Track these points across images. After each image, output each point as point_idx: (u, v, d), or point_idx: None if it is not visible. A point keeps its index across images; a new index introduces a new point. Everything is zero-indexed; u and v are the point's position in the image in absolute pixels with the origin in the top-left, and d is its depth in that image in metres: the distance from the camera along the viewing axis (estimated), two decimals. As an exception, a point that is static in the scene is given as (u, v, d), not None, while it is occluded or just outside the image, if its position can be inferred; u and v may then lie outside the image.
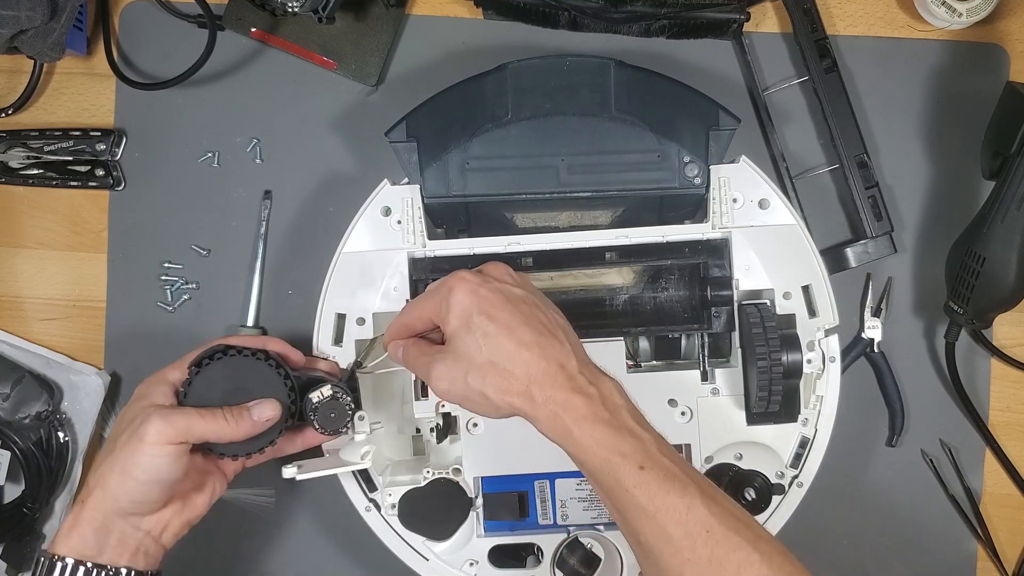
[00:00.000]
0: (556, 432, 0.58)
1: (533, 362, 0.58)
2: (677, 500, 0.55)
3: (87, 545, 0.63)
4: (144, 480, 0.63)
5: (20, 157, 0.84)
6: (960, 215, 0.82)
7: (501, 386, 0.58)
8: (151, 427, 0.62)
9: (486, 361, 0.59)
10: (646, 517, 0.56)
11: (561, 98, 0.75)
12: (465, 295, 0.60)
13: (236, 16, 0.84)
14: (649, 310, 0.78)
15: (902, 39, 0.85)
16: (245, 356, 0.67)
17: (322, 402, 0.68)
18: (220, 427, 0.64)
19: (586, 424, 0.57)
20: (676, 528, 0.55)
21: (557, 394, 0.58)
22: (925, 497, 0.84)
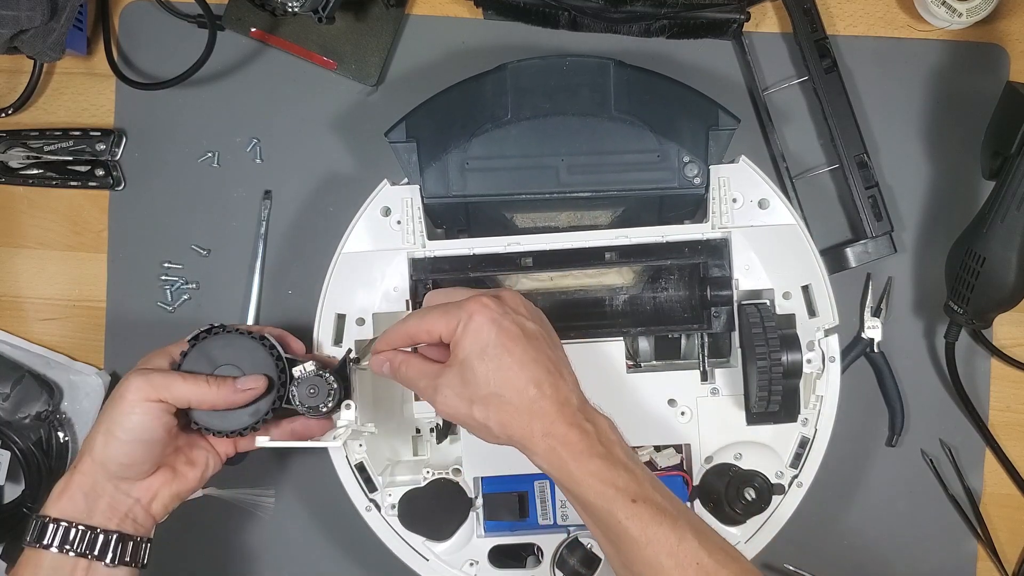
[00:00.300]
0: (552, 465, 0.60)
1: (539, 400, 0.60)
2: (668, 532, 0.58)
3: (77, 508, 0.64)
4: (125, 439, 0.64)
5: (20, 157, 0.84)
6: (960, 215, 0.82)
7: (504, 419, 0.61)
8: (131, 385, 0.65)
9: (493, 392, 0.61)
10: (638, 548, 0.58)
11: (561, 98, 0.75)
12: (486, 323, 0.61)
13: (236, 16, 0.84)
14: (649, 310, 0.78)
15: (902, 39, 0.85)
16: (241, 334, 0.69)
17: (303, 376, 0.67)
18: (200, 389, 0.66)
19: (583, 458, 0.59)
20: (668, 559, 0.57)
21: (557, 429, 0.60)
22: (925, 497, 0.84)
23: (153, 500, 0.67)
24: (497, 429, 0.61)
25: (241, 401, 0.67)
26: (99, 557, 0.64)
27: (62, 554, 0.64)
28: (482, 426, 0.62)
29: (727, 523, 0.74)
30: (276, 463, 0.85)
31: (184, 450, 0.70)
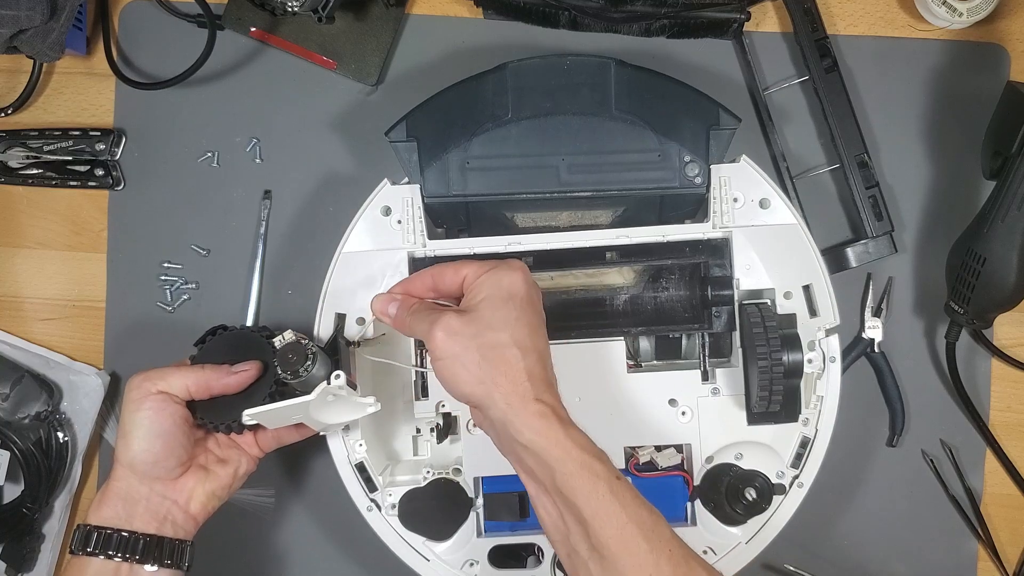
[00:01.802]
0: (538, 430, 0.59)
1: (537, 365, 0.60)
2: (647, 515, 0.58)
3: (117, 515, 0.66)
4: (140, 436, 0.66)
5: (20, 157, 0.84)
6: (960, 215, 0.82)
7: (500, 368, 0.60)
8: (131, 385, 0.67)
9: (502, 340, 0.60)
10: (619, 527, 0.57)
11: (561, 98, 0.75)
12: (521, 279, 0.62)
13: (236, 16, 0.84)
14: (649, 310, 0.78)
15: (902, 39, 0.85)
16: (241, 329, 0.71)
17: (284, 344, 0.67)
18: (195, 374, 0.67)
19: (570, 428, 0.59)
20: (644, 542, 0.57)
21: (548, 398, 0.60)
22: (925, 497, 0.84)
23: (190, 500, 0.69)
24: (487, 372, 0.59)
25: (235, 383, 0.68)
26: (141, 561, 0.66)
27: (106, 560, 0.65)
28: (473, 363, 0.60)
29: (728, 523, 0.74)
30: (276, 463, 0.85)
31: (213, 450, 0.71)
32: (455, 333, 0.60)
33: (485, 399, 0.60)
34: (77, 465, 0.84)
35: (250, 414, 0.65)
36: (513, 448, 0.60)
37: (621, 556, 0.56)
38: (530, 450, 0.59)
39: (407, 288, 0.68)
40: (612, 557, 0.57)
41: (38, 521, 0.84)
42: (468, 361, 0.60)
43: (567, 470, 0.58)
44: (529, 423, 0.59)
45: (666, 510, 0.73)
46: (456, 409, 0.74)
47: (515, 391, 0.59)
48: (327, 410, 0.68)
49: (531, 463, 0.59)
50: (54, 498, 0.84)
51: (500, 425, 0.60)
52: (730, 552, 0.74)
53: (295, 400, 0.65)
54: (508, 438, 0.60)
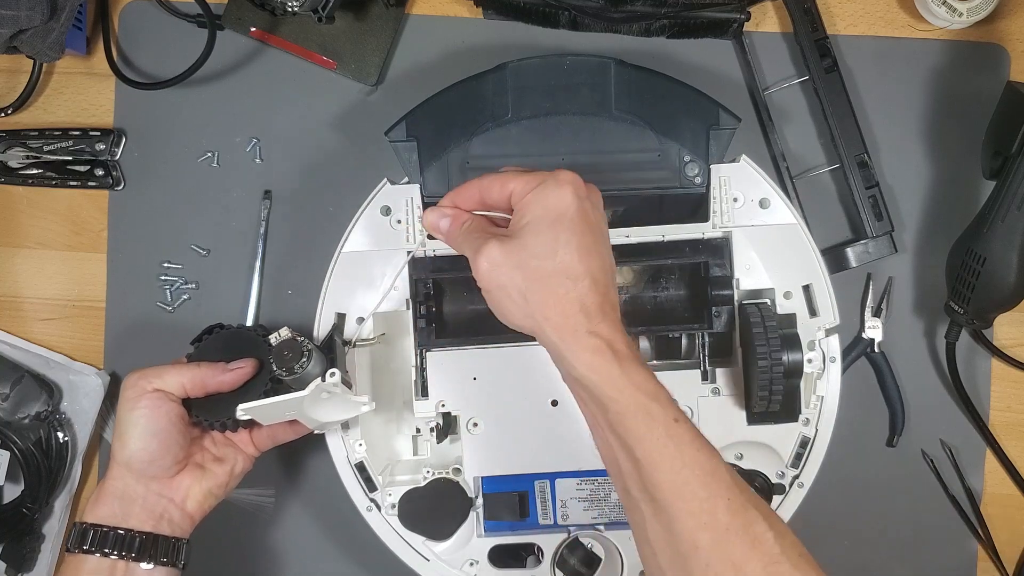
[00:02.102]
0: (591, 366, 0.55)
1: (590, 293, 0.56)
2: (706, 460, 0.54)
3: (113, 513, 0.66)
4: (136, 435, 0.66)
5: (19, 157, 0.84)
6: (960, 215, 0.82)
7: (548, 300, 0.56)
8: (126, 383, 0.67)
9: (549, 269, 0.56)
10: (673, 471, 0.53)
11: (561, 97, 0.75)
12: (571, 194, 0.57)
13: (236, 16, 0.84)
14: (649, 310, 0.78)
15: (902, 39, 0.85)
16: (238, 328, 0.71)
17: (280, 341, 0.66)
18: (191, 372, 0.67)
19: (628, 364, 0.55)
20: (701, 489, 0.53)
21: (604, 330, 0.56)
22: (925, 497, 0.84)
23: (186, 499, 0.68)
24: (536, 305, 0.56)
25: (230, 380, 0.68)
26: (137, 558, 0.66)
27: (102, 557, 0.65)
28: (519, 295, 0.56)
29: (728, 523, 0.74)
30: (276, 463, 0.85)
31: (210, 448, 0.71)
32: (498, 264, 0.57)
33: (537, 331, 0.57)
34: (77, 465, 0.84)
35: (244, 408, 0.65)
36: (569, 379, 0.57)
37: (674, 502, 0.53)
38: (583, 384, 0.55)
39: (456, 200, 0.63)
40: (665, 502, 0.53)
41: (38, 521, 0.84)
42: (514, 293, 0.57)
43: (621, 410, 0.54)
44: (582, 358, 0.55)
45: (666, 510, 0.74)
46: (456, 409, 0.74)
47: (566, 324, 0.55)
48: (321, 407, 0.68)
49: (585, 396, 0.56)
50: (54, 498, 0.84)
51: (554, 355, 0.57)
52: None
53: (288, 396, 0.65)
54: (562, 369, 0.57)
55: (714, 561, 0.52)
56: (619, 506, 0.75)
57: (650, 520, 0.54)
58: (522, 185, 0.59)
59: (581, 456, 0.74)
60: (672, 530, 0.53)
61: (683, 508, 0.53)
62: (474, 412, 0.74)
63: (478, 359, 0.74)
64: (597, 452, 0.73)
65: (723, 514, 0.53)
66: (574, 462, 0.74)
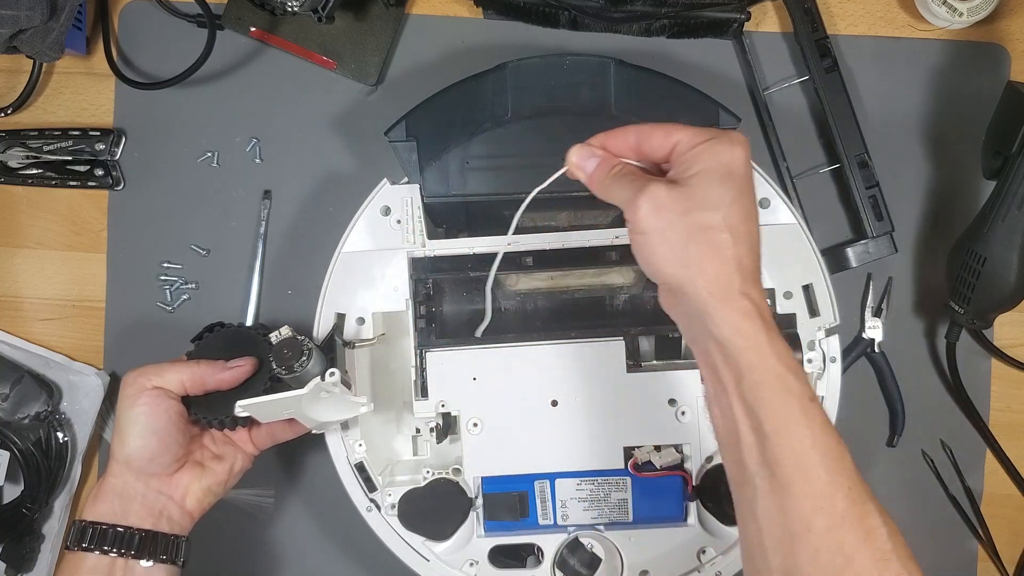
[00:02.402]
0: (739, 329, 0.53)
1: (747, 255, 0.54)
2: (835, 445, 0.53)
3: (112, 511, 0.66)
4: (136, 433, 0.66)
5: (19, 157, 0.84)
6: (960, 215, 0.82)
7: (708, 252, 0.53)
8: (126, 381, 0.68)
9: (714, 222, 0.53)
10: (802, 449, 0.52)
11: (561, 97, 0.75)
12: (743, 156, 0.55)
13: (236, 16, 0.84)
14: (649, 310, 0.78)
15: (902, 39, 0.85)
16: (238, 327, 0.71)
17: (280, 340, 0.66)
18: (190, 369, 0.68)
19: (773, 334, 0.53)
20: (825, 472, 0.52)
21: (754, 293, 0.54)
22: (925, 497, 0.84)
23: (186, 496, 0.69)
24: (693, 255, 0.53)
25: (230, 378, 0.68)
26: (137, 556, 0.66)
27: (101, 555, 0.65)
28: (678, 242, 0.53)
29: (727, 523, 0.74)
30: (276, 463, 0.85)
31: (209, 446, 0.72)
32: (663, 207, 0.54)
33: (687, 284, 0.54)
34: (77, 465, 0.84)
35: (242, 405, 0.65)
36: (704, 340, 0.55)
37: (795, 479, 0.51)
38: (724, 347, 0.53)
39: (606, 143, 0.59)
40: (785, 478, 0.52)
41: (38, 521, 0.84)
42: (673, 240, 0.54)
43: (759, 379, 0.53)
44: (730, 319, 0.53)
45: (665, 510, 0.74)
46: (456, 409, 0.74)
47: (720, 281, 0.53)
48: (319, 407, 0.68)
49: (719, 360, 0.54)
50: (54, 498, 0.84)
51: (696, 314, 0.54)
52: (730, 552, 0.74)
53: (287, 394, 0.65)
54: (702, 329, 0.54)
55: (824, 547, 0.51)
56: (619, 506, 0.75)
57: (764, 496, 0.53)
58: (690, 136, 0.56)
59: (581, 456, 0.74)
60: (786, 509, 0.52)
61: (803, 488, 0.52)
62: (474, 412, 0.74)
63: (478, 359, 0.74)
64: (598, 452, 0.73)
65: (842, 501, 0.52)
66: (574, 462, 0.74)
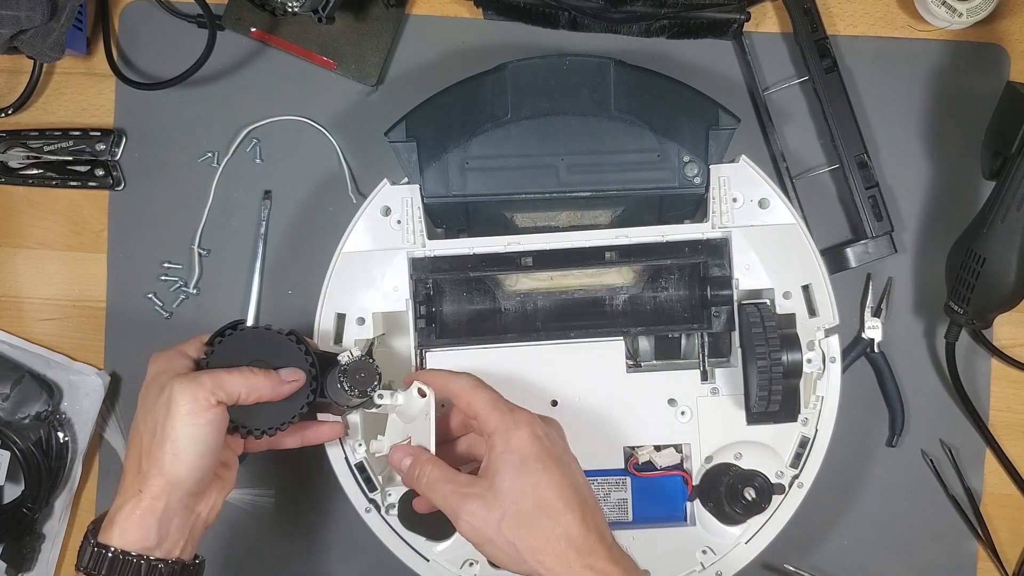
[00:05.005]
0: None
1: (575, 526, 0.57)
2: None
3: (147, 537, 0.60)
4: (195, 454, 0.60)
5: (20, 157, 0.84)
6: (960, 215, 0.82)
7: (536, 544, 0.57)
8: (183, 394, 0.60)
9: (527, 511, 0.58)
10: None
11: (561, 98, 0.75)
12: (530, 436, 0.59)
13: (236, 16, 0.84)
14: (649, 310, 0.78)
15: (902, 39, 0.85)
16: (266, 329, 0.65)
17: (352, 363, 0.65)
18: (250, 381, 0.62)
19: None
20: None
21: (598, 563, 0.57)
22: (925, 497, 0.84)
23: (210, 510, 0.65)
24: (526, 552, 0.57)
25: (286, 392, 0.64)
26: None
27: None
28: (508, 546, 0.58)
29: (727, 523, 0.74)
30: (276, 463, 0.85)
31: (225, 448, 0.67)
32: (481, 523, 0.58)
33: (549, 572, 0.57)
34: (77, 465, 0.84)
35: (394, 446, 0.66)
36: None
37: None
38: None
39: (429, 377, 0.65)
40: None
41: (38, 521, 0.84)
42: (503, 545, 0.58)
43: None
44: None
45: (665, 510, 0.75)
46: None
47: (559, 563, 0.57)
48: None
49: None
50: (54, 498, 0.84)
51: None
52: (730, 552, 0.74)
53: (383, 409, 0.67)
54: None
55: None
56: (619, 506, 0.75)
57: None
58: (486, 413, 0.61)
59: (581, 456, 0.73)
60: None
61: None
62: (474, 412, 0.74)
63: (478, 359, 0.74)
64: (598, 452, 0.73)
65: None
66: (574, 462, 0.74)
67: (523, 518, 0.57)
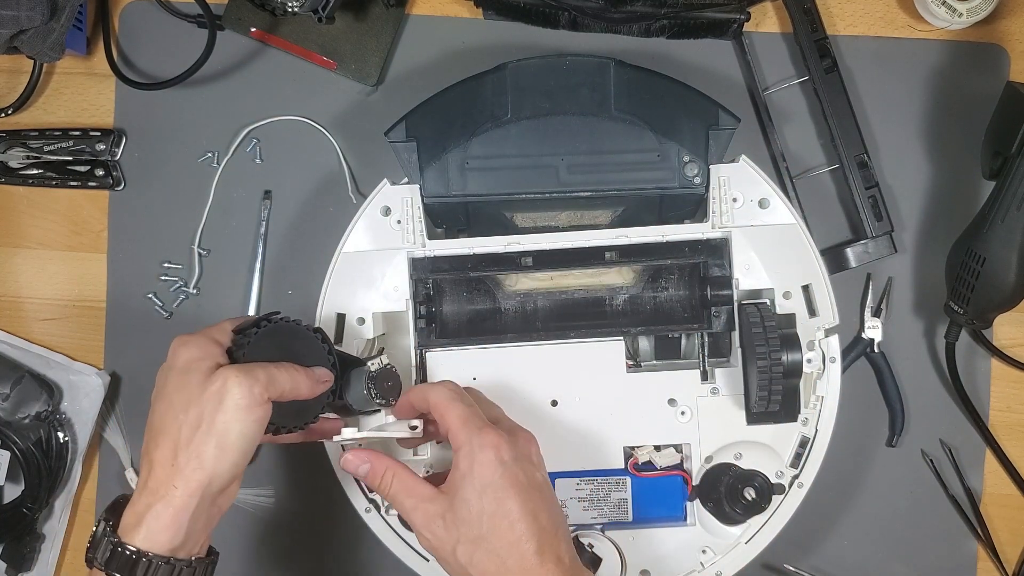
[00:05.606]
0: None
1: (530, 557, 0.58)
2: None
3: (176, 537, 0.57)
4: (243, 449, 0.58)
5: (20, 157, 0.84)
6: (960, 215, 0.82)
7: (489, 570, 0.58)
8: (237, 388, 0.57)
9: (483, 536, 0.58)
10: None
11: (561, 98, 0.75)
12: (493, 462, 0.59)
13: (236, 16, 0.84)
14: (649, 310, 0.78)
15: (902, 39, 0.85)
16: (297, 324, 0.63)
17: (380, 370, 0.65)
18: (295, 377, 0.60)
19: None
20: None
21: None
22: (925, 497, 0.84)
23: (228, 505, 0.61)
24: (476, 572, 0.58)
25: (319, 391, 0.62)
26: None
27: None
28: (462, 569, 0.59)
29: (727, 523, 0.74)
30: (276, 463, 0.85)
31: None
32: (439, 542, 0.59)
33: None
34: (77, 465, 0.84)
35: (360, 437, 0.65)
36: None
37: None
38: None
39: (402, 401, 0.65)
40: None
41: (38, 521, 0.84)
42: (457, 568, 0.59)
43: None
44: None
45: (665, 510, 0.75)
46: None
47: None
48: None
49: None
50: (54, 498, 0.84)
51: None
52: (730, 552, 0.74)
53: (395, 435, 0.66)
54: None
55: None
56: (619, 506, 0.75)
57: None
58: (455, 428, 0.60)
59: (581, 456, 0.74)
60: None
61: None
62: (474, 412, 0.74)
63: (478, 359, 0.74)
64: (597, 451, 0.73)
65: None
66: (574, 462, 0.74)
67: (478, 545, 0.58)
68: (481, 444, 0.60)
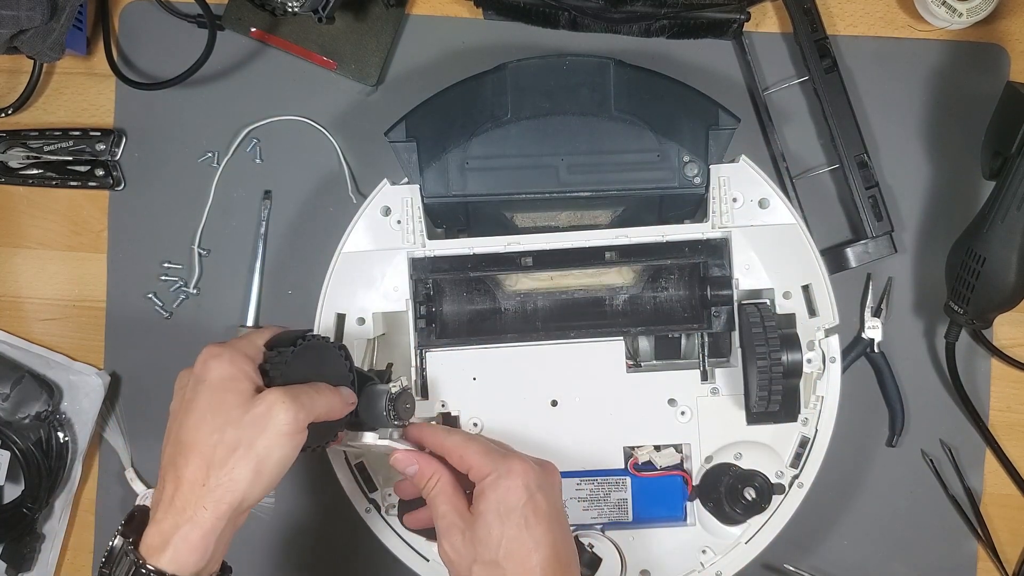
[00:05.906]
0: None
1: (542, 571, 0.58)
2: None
3: (201, 559, 0.56)
4: (279, 474, 0.57)
5: (20, 157, 0.84)
6: (960, 215, 0.82)
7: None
8: (284, 415, 0.56)
9: (499, 561, 0.58)
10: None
11: (561, 98, 0.75)
12: (519, 486, 0.60)
13: (236, 16, 0.84)
14: (649, 310, 0.78)
15: (902, 39, 0.85)
16: (327, 342, 0.63)
17: (400, 392, 0.65)
18: (330, 400, 0.60)
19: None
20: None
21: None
22: (925, 497, 0.84)
23: (244, 519, 0.60)
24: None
25: (348, 412, 0.62)
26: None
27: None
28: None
29: (727, 523, 0.74)
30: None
31: None
32: (457, 556, 0.60)
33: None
34: (77, 465, 0.84)
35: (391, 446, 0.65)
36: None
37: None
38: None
39: (423, 437, 0.65)
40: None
41: (38, 521, 0.84)
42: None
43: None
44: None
45: (665, 510, 0.75)
46: (456, 409, 0.74)
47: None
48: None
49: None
50: (54, 498, 0.84)
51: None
52: (730, 552, 0.74)
53: (401, 445, 0.65)
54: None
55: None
56: (619, 506, 0.75)
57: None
58: (479, 465, 0.61)
59: (581, 456, 0.74)
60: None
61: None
62: (474, 412, 0.74)
63: (478, 359, 0.74)
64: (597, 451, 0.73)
65: None
66: (574, 462, 0.74)
67: (493, 568, 0.58)
68: (509, 470, 0.60)
